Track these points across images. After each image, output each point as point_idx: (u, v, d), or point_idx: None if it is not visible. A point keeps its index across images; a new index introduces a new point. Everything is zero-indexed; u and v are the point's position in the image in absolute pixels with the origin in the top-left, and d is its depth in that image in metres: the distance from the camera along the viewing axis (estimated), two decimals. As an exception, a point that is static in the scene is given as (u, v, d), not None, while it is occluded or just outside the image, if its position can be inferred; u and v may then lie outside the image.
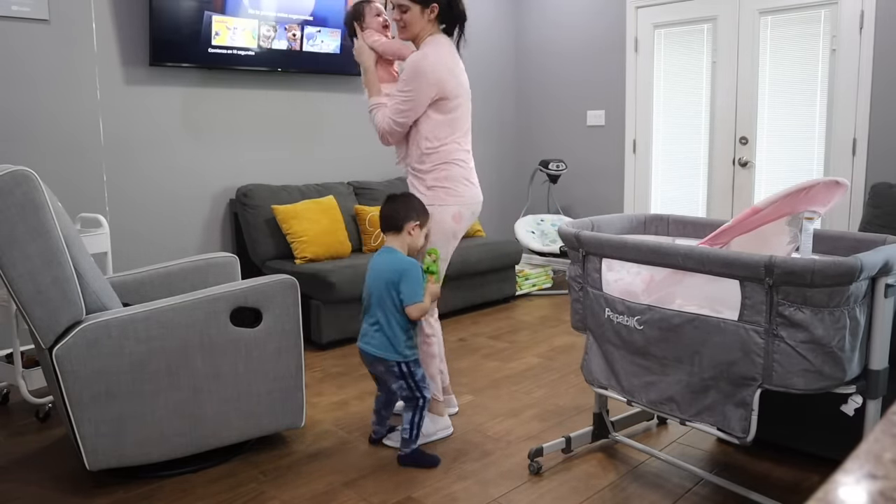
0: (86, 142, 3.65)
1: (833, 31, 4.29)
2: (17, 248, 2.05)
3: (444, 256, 2.62)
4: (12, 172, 2.04)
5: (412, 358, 2.44)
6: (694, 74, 4.91)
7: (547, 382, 3.24)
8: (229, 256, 3.04)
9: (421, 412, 2.45)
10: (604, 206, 5.48)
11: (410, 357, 2.43)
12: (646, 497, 2.20)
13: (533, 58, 5.78)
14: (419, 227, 2.47)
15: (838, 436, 2.29)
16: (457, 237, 2.64)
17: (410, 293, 2.37)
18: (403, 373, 2.41)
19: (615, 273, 2.22)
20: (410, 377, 2.42)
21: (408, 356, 2.42)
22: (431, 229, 2.57)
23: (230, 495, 2.25)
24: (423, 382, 2.45)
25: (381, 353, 2.40)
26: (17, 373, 2.79)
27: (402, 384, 2.43)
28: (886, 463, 0.52)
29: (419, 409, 2.44)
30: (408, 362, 2.42)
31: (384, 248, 2.48)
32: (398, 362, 2.40)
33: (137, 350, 2.20)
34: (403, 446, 2.45)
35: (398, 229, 2.46)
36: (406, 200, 2.49)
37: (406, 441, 2.44)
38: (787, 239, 2.07)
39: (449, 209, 2.58)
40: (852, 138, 4.28)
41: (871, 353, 1.79)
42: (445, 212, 2.57)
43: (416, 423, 2.44)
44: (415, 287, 2.38)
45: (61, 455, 2.56)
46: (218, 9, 3.86)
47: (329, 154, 4.71)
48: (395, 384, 2.43)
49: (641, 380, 2.08)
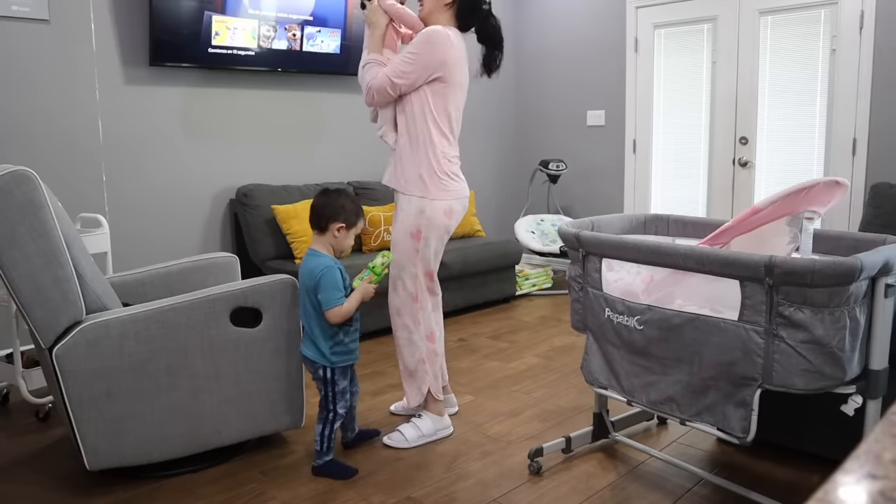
0: (85, 142, 3.65)
1: (833, 31, 4.29)
2: (18, 249, 2.05)
3: (435, 251, 2.61)
4: (13, 172, 2.04)
5: (337, 365, 2.35)
6: (694, 74, 4.91)
7: (547, 382, 3.24)
8: (229, 256, 3.04)
9: (331, 426, 2.36)
10: (604, 206, 5.48)
11: (336, 363, 2.35)
12: (646, 497, 2.20)
13: (533, 58, 5.78)
14: (345, 228, 2.35)
15: (838, 436, 2.29)
16: (449, 232, 2.63)
17: (325, 299, 2.27)
18: (325, 378, 2.34)
19: (615, 273, 2.22)
20: (331, 385, 2.34)
21: (333, 362, 2.34)
22: (423, 225, 2.53)
23: (230, 495, 2.25)
24: (340, 397, 2.36)
25: (308, 355, 2.35)
26: (17, 373, 2.79)
27: (321, 390, 2.36)
28: (886, 463, 0.52)
29: (329, 422, 2.35)
30: (333, 368, 2.34)
31: (308, 251, 2.38)
32: (323, 366, 2.34)
33: (137, 350, 2.20)
34: (317, 457, 2.38)
35: (322, 228, 2.35)
36: (336, 198, 2.36)
37: (318, 452, 2.37)
38: (787, 239, 2.07)
39: (441, 204, 2.56)
40: (852, 138, 4.28)
41: (871, 353, 1.79)
42: (437, 207, 2.55)
43: (327, 435, 2.36)
44: (329, 292, 2.27)
45: (61, 455, 2.56)
46: (218, 9, 3.86)
47: (329, 154, 4.71)
48: (318, 387, 2.37)
49: (641, 380, 2.08)
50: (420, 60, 2.46)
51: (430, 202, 2.54)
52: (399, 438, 2.59)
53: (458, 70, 2.53)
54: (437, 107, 2.53)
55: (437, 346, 2.69)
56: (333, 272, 2.30)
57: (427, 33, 2.48)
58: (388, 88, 2.51)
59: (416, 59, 2.46)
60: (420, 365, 2.64)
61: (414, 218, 2.55)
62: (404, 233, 2.57)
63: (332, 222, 2.34)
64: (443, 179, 2.55)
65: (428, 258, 2.61)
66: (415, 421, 2.63)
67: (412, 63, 2.47)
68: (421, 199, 2.54)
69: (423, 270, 2.61)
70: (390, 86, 2.50)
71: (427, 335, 2.66)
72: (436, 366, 2.67)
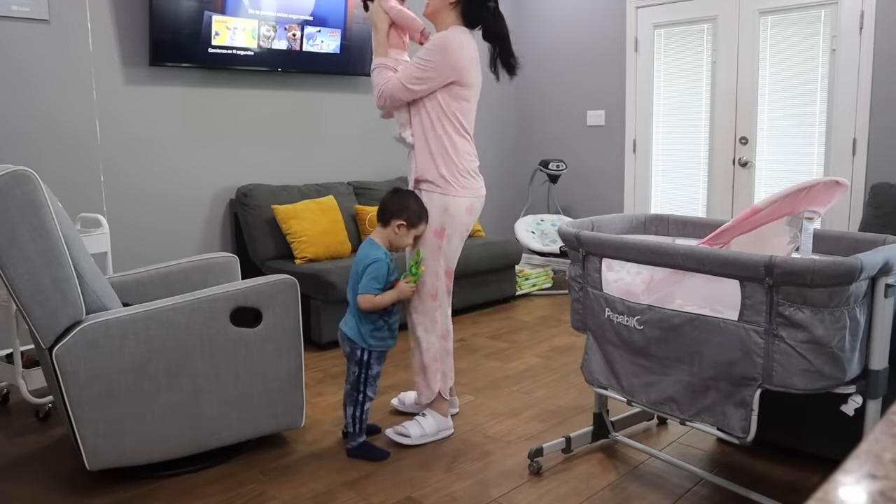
0: (85, 142, 3.65)
1: (833, 31, 4.29)
2: (18, 248, 2.05)
3: (455, 249, 2.63)
4: (13, 172, 2.04)
5: (375, 349, 2.47)
6: (694, 74, 4.91)
7: (547, 382, 3.24)
8: (229, 256, 3.04)
9: (361, 408, 2.48)
10: (604, 206, 5.48)
11: (374, 347, 2.46)
12: (646, 497, 2.20)
13: (533, 58, 5.78)
14: (405, 226, 2.47)
15: (838, 436, 2.29)
16: (468, 230, 2.65)
17: (364, 285, 2.41)
18: (361, 360, 2.46)
19: (615, 273, 2.22)
20: (365, 367, 2.46)
21: (371, 345, 2.46)
22: (446, 222, 2.56)
23: (230, 495, 2.25)
24: (373, 380, 2.48)
25: (348, 334, 2.47)
26: (17, 373, 2.79)
27: (355, 371, 2.47)
28: (886, 463, 0.52)
29: (359, 404, 2.47)
30: (370, 351, 2.46)
31: (367, 239, 2.52)
32: (361, 348, 2.45)
33: (137, 350, 2.20)
34: (350, 440, 2.50)
35: (384, 222, 2.49)
36: (404, 198, 2.49)
37: (351, 434, 2.49)
38: (787, 239, 2.07)
39: (463, 201, 2.58)
40: (852, 138, 4.28)
41: (871, 353, 1.79)
42: (460, 204, 2.57)
43: (358, 417, 2.48)
44: (370, 280, 2.41)
45: (61, 455, 2.56)
46: (218, 9, 3.86)
47: (329, 154, 4.71)
48: (352, 368, 2.48)
49: (641, 380, 2.08)
50: (435, 66, 2.47)
51: (452, 199, 2.56)
52: (403, 434, 2.60)
53: (471, 73, 2.54)
54: (453, 108, 2.55)
55: (449, 344, 2.70)
56: (382, 266, 2.43)
57: (441, 41, 2.48)
58: (402, 94, 2.53)
59: (431, 66, 2.47)
60: (433, 363, 2.65)
61: (438, 215, 2.57)
62: (428, 231, 2.58)
63: (394, 218, 2.46)
64: (464, 177, 2.58)
65: (450, 256, 2.62)
66: (419, 419, 2.64)
67: (426, 70, 2.48)
68: (444, 197, 2.56)
69: (444, 269, 2.62)
70: (403, 91, 2.52)
71: (442, 333, 2.66)
72: (446, 365, 2.67)
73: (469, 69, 2.52)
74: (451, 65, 2.48)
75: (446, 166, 2.55)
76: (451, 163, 2.55)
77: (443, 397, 2.67)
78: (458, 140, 2.56)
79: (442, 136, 2.54)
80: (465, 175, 2.57)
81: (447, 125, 2.54)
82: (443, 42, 2.48)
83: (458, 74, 2.50)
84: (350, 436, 2.49)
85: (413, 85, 2.50)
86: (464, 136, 2.58)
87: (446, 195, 2.55)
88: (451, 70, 2.48)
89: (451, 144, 2.55)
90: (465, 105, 2.56)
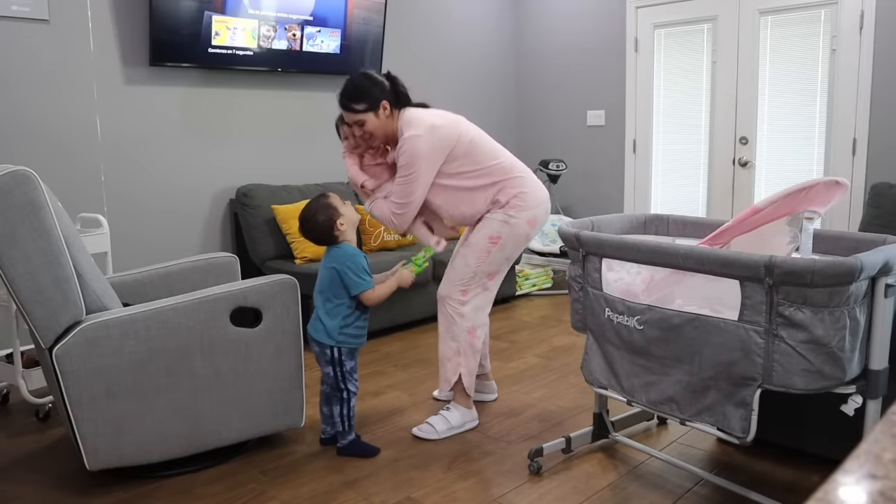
0: (85, 142, 3.65)
1: (833, 31, 4.29)
2: (18, 248, 2.05)
3: (508, 257, 2.64)
4: (13, 172, 2.04)
5: (344, 346, 2.44)
6: (694, 74, 4.91)
7: (547, 382, 3.25)
8: (229, 256, 3.04)
9: (348, 405, 2.46)
10: (604, 206, 5.48)
11: (343, 343, 2.43)
12: (646, 497, 2.20)
13: (533, 58, 5.78)
14: (343, 218, 2.44)
15: (838, 436, 2.29)
16: (529, 239, 2.67)
17: (354, 283, 2.39)
18: (333, 359, 2.44)
19: (615, 273, 2.22)
20: (339, 365, 2.44)
21: (340, 342, 2.43)
22: (504, 231, 2.57)
23: (230, 495, 2.25)
24: (350, 375, 2.46)
25: (316, 337, 2.45)
26: (17, 373, 2.79)
27: (330, 372, 2.45)
28: (886, 463, 0.52)
29: (345, 402, 2.46)
30: (339, 348, 2.43)
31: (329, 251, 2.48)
32: (330, 347, 2.43)
33: (138, 350, 2.20)
34: (340, 438, 2.49)
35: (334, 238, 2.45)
36: (315, 208, 2.44)
37: (341, 433, 2.49)
38: (787, 239, 2.07)
39: (525, 214, 2.59)
40: (852, 138, 4.28)
41: (871, 353, 1.79)
42: (522, 217, 2.58)
43: (346, 414, 2.47)
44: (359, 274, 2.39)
45: (61, 455, 2.56)
46: (218, 9, 3.86)
47: (329, 154, 4.71)
48: (326, 371, 2.47)
49: (641, 380, 2.08)
50: (416, 175, 2.50)
51: (513, 219, 2.58)
52: (428, 430, 2.63)
53: (454, 131, 2.52)
54: (455, 168, 2.55)
55: (476, 341, 2.69)
56: (360, 259, 2.42)
57: (410, 150, 2.47)
58: (404, 212, 2.55)
59: (412, 176, 2.50)
60: (454, 356, 2.66)
61: (498, 225, 2.59)
62: (483, 235, 2.60)
63: (333, 228, 2.43)
64: (517, 201, 2.57)
65: (498, 262, 2.64)
66: (443, 413, 2.67)
67: (410, 182, 2.50)
68: (504, 215, 2.58)
69: (487, 271, 2.64)
70: (403, 209, 2.54)
71: (468, 329, 2.66)
72: (472, 361, 2.67)
73: (447, 137, 2.50)
74: (432, 158, 2.48)
75: (487, 206, 2.59)
76: (491, 201, 2.58)
77: (466, 391, 2.68)
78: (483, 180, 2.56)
79: (467, 192, 2.57)
80: (516, 201, 2.57)
81: (468, 181, 2.56)
82: (412, 151, 2.47)
83: (445, 153, 2.51)
84: (340, 434, 2.49)
85: (406, 199, 2.52)
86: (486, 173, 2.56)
87: (506, 215, 2.57)
88: (436, 159, 2.50)
89: (482, 189, 2.57)
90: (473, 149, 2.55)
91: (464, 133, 2.55)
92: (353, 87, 2.53)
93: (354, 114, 2.54)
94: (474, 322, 2.67)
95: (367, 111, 2.52)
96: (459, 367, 2.66)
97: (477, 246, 2.60)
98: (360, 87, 2.52)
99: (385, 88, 2.55)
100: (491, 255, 2.60)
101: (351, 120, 2.56)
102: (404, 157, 2.49)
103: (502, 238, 2.58)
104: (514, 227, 2.57)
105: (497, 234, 2.57)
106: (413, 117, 2.52)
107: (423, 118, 2.52)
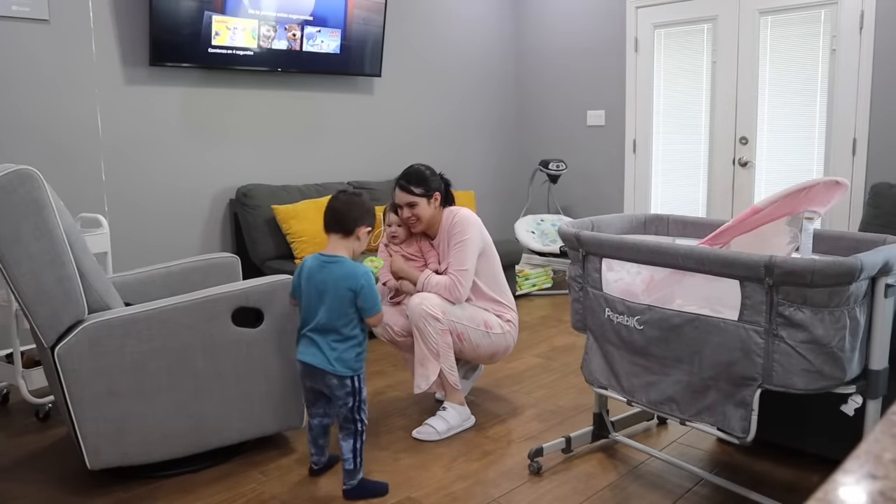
0: (85, 142, 3.65)
1: (833, 31, 4.29)
2: (21, 247, 2.05)
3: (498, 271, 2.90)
4: (16, 171, 2.04)
5: (361, 371, 2.22)
6: (694, 74, 4.91)
7: (547, 382, 3.25)
8: (231, 256, 3.04)
9: (361, 438, 2.22)
10: (604, 206, 5.48)
11: (360, 369, 2.22)
12: (646, 497, 2.21)
13: (533, 58, 5.78)
14: (370, 230, 2.29)
15: (838, 436, 2.29)
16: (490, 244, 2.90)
17: (372, 305, 2.18)
18: (354, 388, 2.19)
19: (615, 273, 2.22)
20: (359, 393, 2.20)
21: (357, 369, 2.20)
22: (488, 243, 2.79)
23: (230, 495, 2.26)
24: (365, 402, 2.24)
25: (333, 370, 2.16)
26: (18, 373, 2.79)
27: (348, 403, 2.19)
28: (886, 463, 0.52)
29: (359, 434, 2.21)
30: (359, 375, 2.21)
31: (326, 257, 2.22)
32: (351, 377, 2.19)
33: (139, 350, 2.21)
34: (348, 478, 2.21)
35: (348, 232, 2.23)
36: (361, 201, 2.29)
37: (351, 472, 2.21)
38: (787, 239, 2.07)
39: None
40: (852, 138, 4.28)
41: (871, 353, 1.80)
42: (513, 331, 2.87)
43: (359, 449, 2.21)
44: (376, 296, 2.19)
45: (62, 455, 2.56)
46: (218, 9, 3.86)
47: (329, 154, 4.72)
48: (341, 402, 2.20)
49: (641, 380, 2.08)
50: (473, 240, 2.71)
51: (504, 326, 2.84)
52: (429, 431, 2.64)
53: (487, 238, 2.79)
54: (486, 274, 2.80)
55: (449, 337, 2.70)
56: (371, 277, 2.21)
57: (463, 220, 2.72)
58: (465, 280, 2.69)
59: (469, 241, 2.69)
60: (433, 357, 2.66)
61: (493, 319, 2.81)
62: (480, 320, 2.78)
63: (359, 225, 2.25)
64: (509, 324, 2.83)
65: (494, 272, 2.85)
66: (441, 414, 2.68)
67: (467, 246, 2.71)
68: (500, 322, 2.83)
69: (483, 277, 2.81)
70: (464, 276, 2.68)
71: (441, 331, 2.65)
72: (450, 357, 2.67)
73: (485, 235, 2.79)
74: (479, 233, 2.74)
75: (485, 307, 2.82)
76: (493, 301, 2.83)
77: (454, 387, 2.69)
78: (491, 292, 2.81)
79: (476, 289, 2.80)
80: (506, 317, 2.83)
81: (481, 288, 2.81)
82: (464, 220, 2.72)
83: (482, 242, 2.75)
84: (348, 473, 2.21)
85: (465, 264, 2.70)
86: (498, 301, 2.83)
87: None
88: (481, 237, 2.75)
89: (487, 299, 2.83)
90: (492, 267, 2.80)
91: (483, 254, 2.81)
92: (416, 171, 2.75)
93: (410, 195, 2.72)
94: (447, 326, 2.68)
95: (422, 196, 2.72)
96: (440, 365, 2.67)
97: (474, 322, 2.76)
98: (421, 174, 2.75)
99: (440, 184, 2.78)
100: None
101: (404, 201, 2.73)
102: (458, 226, 2.72)
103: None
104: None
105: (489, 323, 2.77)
106: (457, 209, 2.79)
107: (465, 210, 2.80)
